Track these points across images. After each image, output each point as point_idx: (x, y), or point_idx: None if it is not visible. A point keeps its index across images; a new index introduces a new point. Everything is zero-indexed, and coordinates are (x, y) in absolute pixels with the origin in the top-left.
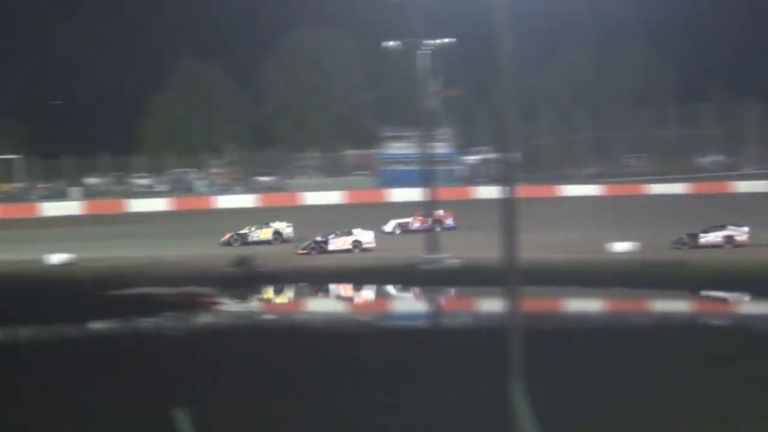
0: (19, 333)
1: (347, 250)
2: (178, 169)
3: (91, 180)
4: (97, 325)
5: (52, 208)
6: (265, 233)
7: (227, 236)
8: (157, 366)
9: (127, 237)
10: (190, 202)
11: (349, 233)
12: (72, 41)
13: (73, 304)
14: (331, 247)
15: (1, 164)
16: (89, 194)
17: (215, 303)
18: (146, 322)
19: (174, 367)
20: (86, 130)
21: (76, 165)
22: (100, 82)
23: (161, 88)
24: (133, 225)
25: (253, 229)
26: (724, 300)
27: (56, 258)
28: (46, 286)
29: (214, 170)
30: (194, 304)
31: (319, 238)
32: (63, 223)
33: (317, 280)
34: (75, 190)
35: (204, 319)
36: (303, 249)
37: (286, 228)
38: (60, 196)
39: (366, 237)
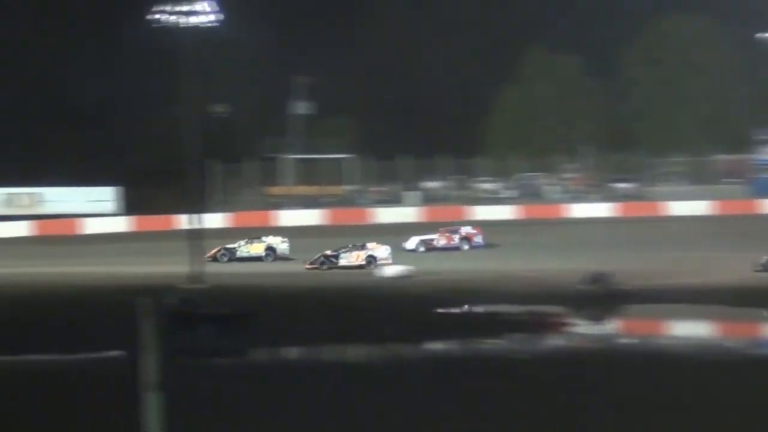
0: (350, 352)
1: (360, 266)
2: (526, 173)
3: (430, 184)
4: (435, 346)
5: (385, 214)
6: (256, 248)
7: (213, 251)
8: (503, 394)
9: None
10: (539, 210)
11: (363, 247)
12: (409, 30)
13: (408, 322)
14: (342, 261)
15: (330, 164)
16: (427, 199)
17: (567, 324)
18: (489, 344)
19: (521, 396)
20: (425, 129)
21: (413, 167)
22: (440, 75)
23: (509, 82)
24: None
25: (242, 243)
26: None
27: (390, 270)
28: (379, 302)
29: (566, 175)
30: (543, 324)
31: (328, 252)
32: (396, 230)
33: (678, 299)
34: (411, 195)
35: (554, 341)
36: (311, 264)
37: (280, 243)
38: (395, 200)
39: (381, 252)
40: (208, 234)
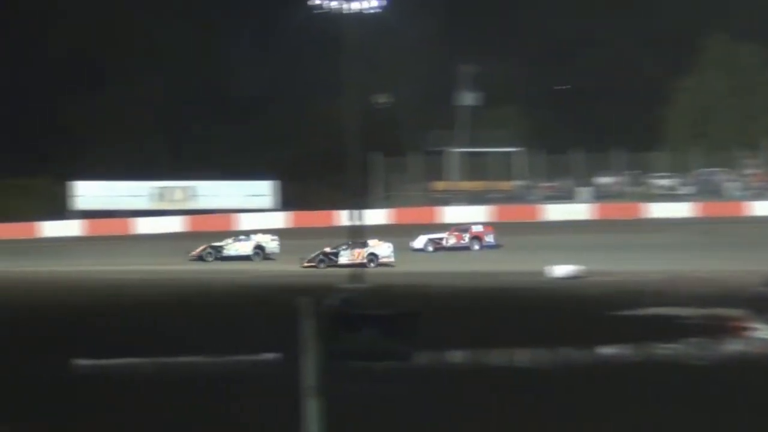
0: (519, 355)
1: (361, 264)
2: (705, 169)
3: (604, 179)
4: (606, 351)
5: (556, 211)
6: (244, 247)
7: (199, 249)
8: (680, 400)
9: (644, 247)
10: (718, 208)
11: (364, 245)
12: (581, 15)
13: (579, 324)
14: (342, 260)
15: (498, 158)
16: (600, 196)
17: (747, 328)
18: (665, 348)
19: (699, 402)
20: (599, 121)
21: (585, 161)
22: (614, 63)
23: (688, 72)
24: (651, 233)
25: (229, 241)
26: None
27: (561, 270)
28: (548, 303)
29: (748, 171)
30: (722, 328)
31: (327, 249)
32: (569, 229)
33: None
34: (584, 191)
35: (734, 346)
36: (309, 262)
37: (270, 242)
38: (566, 197)
39: (383, 250)
40: (369, 231)
